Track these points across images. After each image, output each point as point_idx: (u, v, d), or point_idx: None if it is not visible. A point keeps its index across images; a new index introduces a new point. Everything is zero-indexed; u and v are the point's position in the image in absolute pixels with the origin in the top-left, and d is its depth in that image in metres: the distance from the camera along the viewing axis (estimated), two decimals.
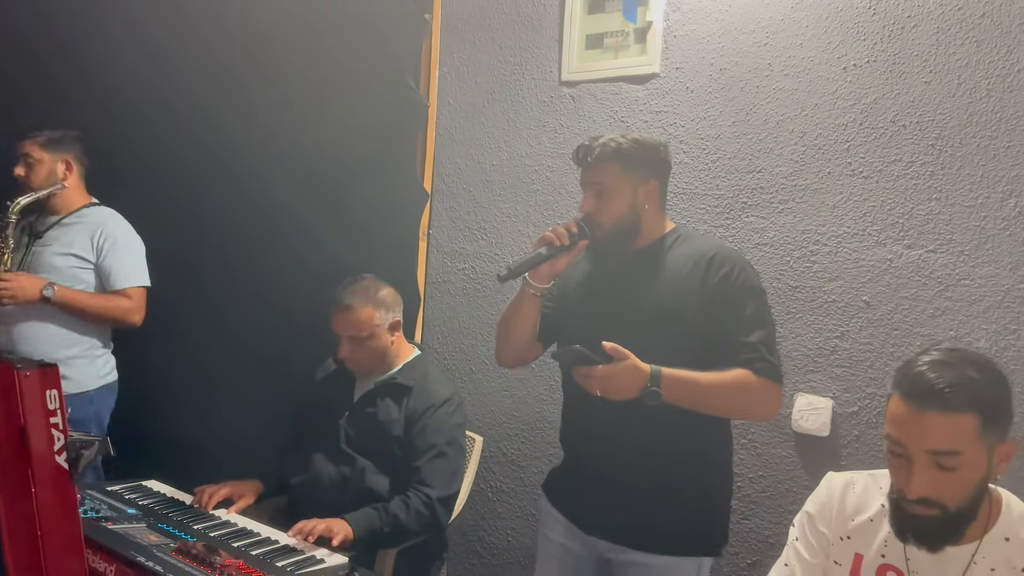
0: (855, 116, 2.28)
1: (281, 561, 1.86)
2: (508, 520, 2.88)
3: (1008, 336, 2.10)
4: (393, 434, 2.32)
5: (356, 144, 2.92)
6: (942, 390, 1.28)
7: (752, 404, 1.81)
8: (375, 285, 2.40)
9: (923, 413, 1.29)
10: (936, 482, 1.30)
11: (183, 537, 1.93)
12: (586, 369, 1.74)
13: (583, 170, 1.93)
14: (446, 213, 3.03)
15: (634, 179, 1.88)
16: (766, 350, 1.77)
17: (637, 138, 1.90)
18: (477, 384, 2.94)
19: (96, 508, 2.07)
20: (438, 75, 3.01)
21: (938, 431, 1.28)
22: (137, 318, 2.82)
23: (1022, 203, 2.08)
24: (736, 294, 1.80)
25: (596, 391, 1.73)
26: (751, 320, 1.79)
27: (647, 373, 1.71)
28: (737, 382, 1.75)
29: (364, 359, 2.38)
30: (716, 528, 1.92)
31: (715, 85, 2.48)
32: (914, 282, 2.20)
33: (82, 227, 2.82)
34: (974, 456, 1.29)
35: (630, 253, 1.92)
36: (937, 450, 1.28)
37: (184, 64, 3.13)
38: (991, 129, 2.12)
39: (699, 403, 1.78)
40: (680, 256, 1.87)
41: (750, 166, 2.43)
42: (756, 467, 2.40)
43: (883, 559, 1.44)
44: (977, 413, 1.28)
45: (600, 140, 1.88)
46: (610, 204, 1.88)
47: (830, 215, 2.32)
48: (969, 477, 1.30)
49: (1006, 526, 1.36)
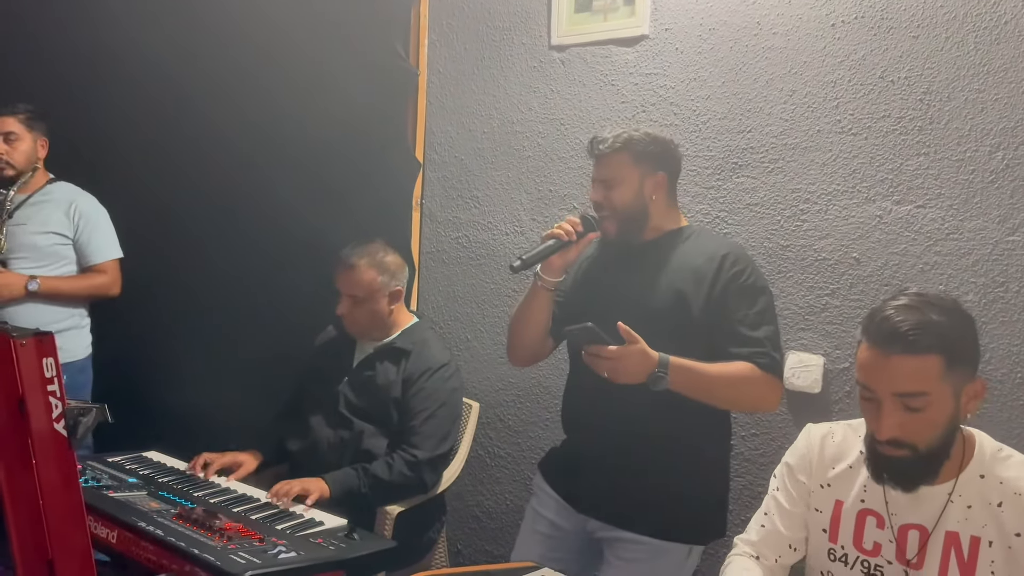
0: (844, 73, 2.28)
1: (280, 524, 1.89)
2: (505, 484, 2.91)
3: (997, 289, 2.11)
4: (391, 396, 2.35)
5: (346, 114, 2.92)
6: (905, 333, 1.31)
7: (754, 397, 1.87)
8: (383, 250, 2.44)
9: (888, 357, 1.32)
10: (905, 423, 1.33)
11: (183, 504, 1.96)
12: (596, 349, 1.77)
13: (595, 162, 1.97)
14: (438, 182, 3.03)
15: (641, 170, 1.92)
16: (771, 346, 1.84)
17: (649, 131, 1.95)
18: (473, 352, 2.96)
19: (97, 477, 2.10)
20: (427, 43, 3.00)
21: (903, 373, 1.32)
22: (116, 290, 2.92)
23: (1010, 156, 2.09)
24: (747, 291, 1.86)
25: (604, 372, 1.77)
26: (759, 317, 1.85)
27: (655, 359, 1.76)
28: (741, 375, 1.81)
29: (360, 319, 2.40)
30: (710, 519, 1.97)
31: (704, 45, 2.47)
32: (903, 238, 2.21)
33: (53, 204, 2.87)
34: (940, 396, 1.32)
35: (639, 244, 1.96)
36: (903, 392, 1.32)
37: (164, 32, 3.11)
38: (979, 82, 2.11)
39: (703, 392, 1.83)
40: (693, 250, 1.93)
41: (740, 126, 2.43)
42: (749, 425, 2.43)
43: (862, 504, 1.48)
44: (940, 354, 1.31)
45: (615, 132, 1.93)
46: (616, 192, 1.92)
47: (820, 173, 2.32)
48: (937, 417, 1.34)
49: (980, 464, 1.40)
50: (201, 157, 3.17)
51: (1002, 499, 1.37)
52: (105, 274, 2.88)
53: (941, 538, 1.40)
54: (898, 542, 1.43)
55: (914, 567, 1.42)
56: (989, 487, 1.38)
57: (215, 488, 2.15)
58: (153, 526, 1.76)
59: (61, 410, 1.38)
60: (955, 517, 1.39)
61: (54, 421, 1.38)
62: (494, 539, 2.94)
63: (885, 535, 1.45)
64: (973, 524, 1.38)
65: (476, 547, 2.98)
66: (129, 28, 3.14)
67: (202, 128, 3.16)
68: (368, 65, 2.89)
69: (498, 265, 2.90)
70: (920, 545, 1.42)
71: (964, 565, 1.38)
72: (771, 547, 1.59)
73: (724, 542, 2.44)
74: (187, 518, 1.82)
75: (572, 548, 2.03)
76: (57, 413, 1.38)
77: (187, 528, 1.77)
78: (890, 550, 1.44)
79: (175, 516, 1.84)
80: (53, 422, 1.38)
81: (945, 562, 1.39)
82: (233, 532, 1.78)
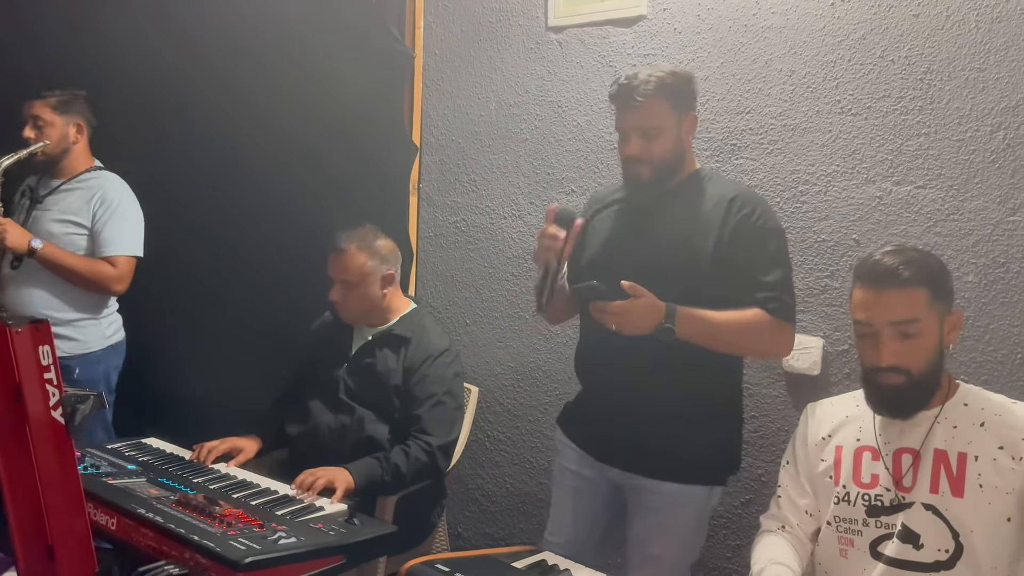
0: (843, 52, 2.26)
1: (281, 510, 1.89)
2: (505, 468, 2.91)
3: (997, 269, 2.10)
4: (392, 383, 2.34)
5: (342, 97, 2.90)
6: (896, 268, 1.53)
7: (764, 343, 1.88)
8: (374, 234, 2.42)
9: (882, 291, 1.53)
10: (901, 351, 1.53)
11: (183, 490, 1.96)
12: (603, 304, 1.76)
13: (626, 111, 1.88)
14: (436, 166, 3.01)
15: (678, 114, 1.88)
16: (782, 290, 1.82)
17: (673, 70, 1.89)
18: (472, 336, 2.95)
19: (96, 465, 2.10)
20: (423, 25, 2.97)
21: (897, 304, 1.52)
22: (120, 287, 2.79)
23: (1011, 136, 2.07)
24: (756, 234, 1.84)
25: (612, 325, 1.77)
26: (769, 260, 1.83)
27: (663, 309, 1.76)
28: (751, 321, 1.80)
29: (353, 305, 2.39)
30: (726, 459, 1.99)
31: (702, 25, 2.45)
32: (903, 218, 2.20)
33: (82, 192, 2.79)
34: (929, 323, 1.54)
35: (657, 194, 1.92)
36: (899, 320, 1.52)
37: (161, 19, 3.09)
38: (979, 61, 2.10)
39: (712, 340, 1.82)
40: (704, 196, 1.89)
41: (739, 107, 2.41)
42: (748, 408, 2.42)
43: (858, 442, 1.64)
44: (926, 287, 1.53)
45: (640, 76, 1.84)
46: (659, 142, 1.86)
47: (819, 154, 2.30)
48: (927, 343, 1.54)
49: (964, 394, 1.61)
50: (194, 141, 3.15)
51: (984, 420, 1.55)
52: (113, 267, 2.74)
53: (930, 456, 1.55)
54: (893, 467, 1.58)
55: (907, 489, 1.56)
56: (973, 411, 1.57)
57: (215, 474, 2.15)
58: (153, 513, 1.75)
59: (58, 398, 1.38)
60: (942, 436, 1.56)
61: (51, 409, 1.38)
62: (495, 522, 2.95)
63: (880, 465, 1.60)
64: (959, 441, 1.54)
65: (477, 530, 2.99)
66: (126, 15, 3.12)
67: (196, 113, 3.14)
68: (363, 48, 2.87)
69: (496, 249, 2.89)
70: (913, 467, 1.56)
71: (953, 479, 1.52)
72: (791, 513, 1.73)
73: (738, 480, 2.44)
74: (187, 504, 1.82)
75: (599, 496, 2.04)
76: (54, 401, 1.38)
77: (187, 514, 1.77)
78: (886, 478, 1.57)
79: (175, 503, 1.84)
80: (50, 409, 1.38)
81: (936, 477, 1.53)
82: (233, 518, 1.77)
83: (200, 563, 1.62)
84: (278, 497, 1.98)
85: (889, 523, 1.56)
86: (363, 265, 2.35)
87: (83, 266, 2.73)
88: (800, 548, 1.69)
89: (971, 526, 1.49)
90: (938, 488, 1.52)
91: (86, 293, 2.78)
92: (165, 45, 3.12)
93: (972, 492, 1.50)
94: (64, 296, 2.75)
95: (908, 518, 1.54)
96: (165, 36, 3.13)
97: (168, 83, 3.16)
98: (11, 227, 2.65)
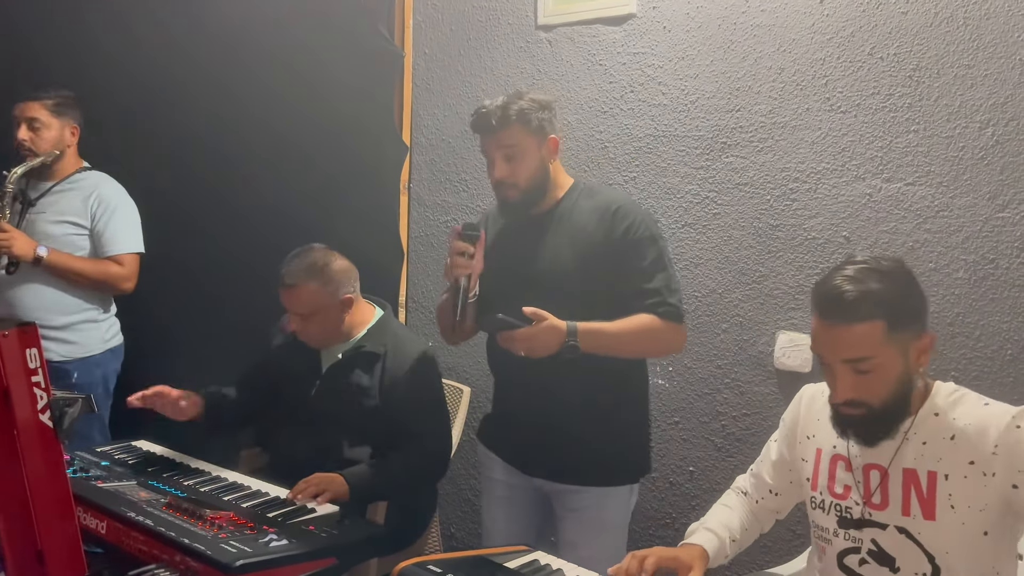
0: (832, 50, 2.26)
1: (272, 512, 1.88)
2: None
3: (987, 266, 2.11)
4: (369, 404, 2.23)
5: (332, 97, 2.89)
6: (846, 304, 1.39)
7: (658, 345, 2.00)
8: (324, 258, 2.22)
9: (832, 327, 1.42)
10: (857, 385, 1.43)
11: (173, 493, 1.94)
12: (509, 333, 1.85)
13: (486, 135, 1.97)
14: (426, 166, 3.01)
15: (538, 138, 1.96)
16: (667, 293, 1.92)
17: (535, 97, 1.97)
18: None
19: (86, 468, 2.08)
20: (412, 24, 2.97)
21: (846, 341, 1.41)
22: (129, 285, 2.79)
23: (1000, 132, 2.08)
24: (637, 245, 1.93)
25: (521, 351, 1.86)
26: (651, 267, 1.92)
27: (564, 330, 1.84)
28: (643, 327, 1.90)
29: (314, 333, 2.26)
30: (638, 458, 2.09)
31: (692, 23, 2.45)
32: (893, 216, 2.21)
33: (76, 193, 2.77)
34: (887, 357, 1.41)
35: (536, 215, 2.01)
36: (849, 358, 1.41)
37: (153, 21, 3.08)
38: (968, 58, 2.10)
39: (613, 349, 1.92)
40: (584, 212, 1.98)
41: (729, 105, 2.41)
42: (740, 405, 2.43)
43: (834, 449, 1.58)
44: (881, 319, 1.39)
45: (498, 103, 1.94)
46: (522, 165, 1.95)
47: (809, 152, 2.31)
48: (886, 376, 1.42)
49: (933, 404, 1.49)
50: (184, 143, 3.14)
51: (954, 432, 1.44)
52: (121, 266, 2.73)
53: (899, 475, 1.48)
54: (863, 482, 1.52)
55: (878, 508, 1.50)
56: (942, 423, 1.46)
57: (206, 477, 2.13)
58: (143, 516, 1.74)
59: (46, 401, 1.37)
60: (911, 454, 1.47)
61: (39, 412, 1.36)
62: None
63: (851, 477, 1.54)
64: (929, 459, 1.46)
65: (469, 530, 2.98)
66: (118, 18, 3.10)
67: (185, 114, 3.12)
68: (353, 48, 2.86)
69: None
70: (881, 484, 1.50)
71: (924, 501, 1.45)
72: (755, 488, 1.75)
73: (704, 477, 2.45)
74: (177, 507, 1.81)
75: (528, 503, 2.12)
76: (42, 404, 1.36)
77: (177, 517, 1.76)
78: (856, 492, 1.53)
79: (165, 505, 1.82)
80: (38, 413, 1.36)
81: (907, 498, 1.47)
82: (224, 521, 1.76)
83: (191, 566, 1.61)
84: (269, 499, 1.97)
85: (856, 537, 1.52)
86: (315, 296, 2.18)
87: (91, 268, 2.73)
88: (749, 519, 1.72)
89: (946, 547, 1.44)
90: (909, 510, 1.46)
91: (85, 296, 2.76)
92: (155, 47, 3.11)
93: (944, 513, 1.43)
94: (63, 300, 2.73)
95: (881, 539, 1.49)
96: (155, 38, 3.11)
97: (158, 85, 3.15)
98: (17, 236, 2.63)
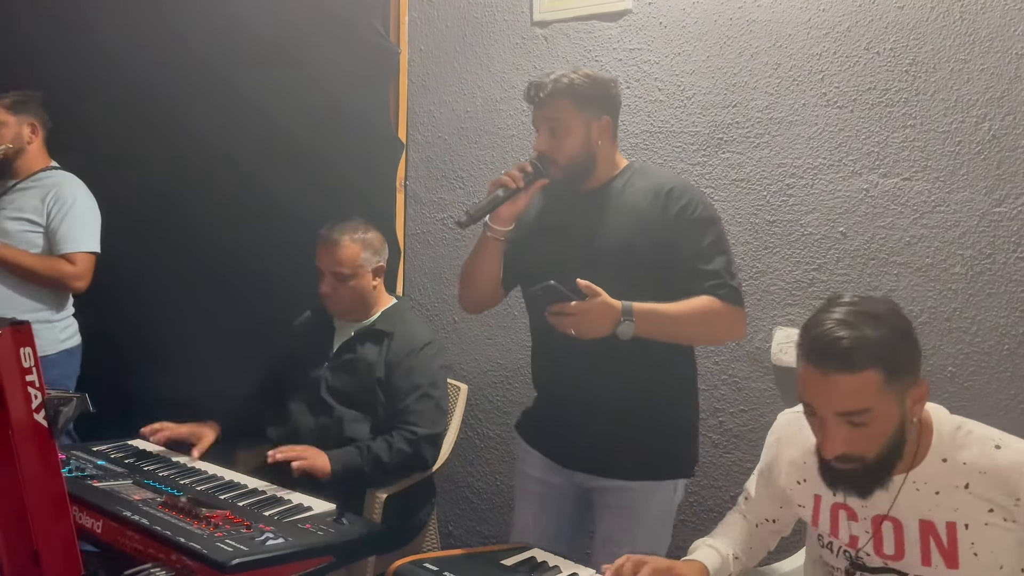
0: (829, 45, 2.26)
1: (268, 511, 1.87)
2: (495, 465, 2.90)
3: (984, 260, 2.11)
4: (375, 376, 2.32)
5: (327, 94, 2.88)
6: (843, 348, 1.27)
7: (719, 329, 1.86)
8: (364, 226, 2.41)
9: (827, 376, 1.29)
10: (850, 439, 1.31)
11: (169, 492, 1.94)
12: (559, 307, 1.72)
13: (536, 107, 1.91)
14: (422, 163, 3.00)
15: (587, 115, 1.86)
16: (728, 275, 1.81)
17: (589, 73, 1.88)
18: (460, 333, 2.94)
19: (82, 467, 2.07)
20: (408, 21, 2.96)
21: (843, 393, 1.28)
22: (81, 284, 2.77)
23: (996, 126, 2.08)
24: (695, 225, 1.82)
25: (570, 330, 1.73)
26: (711, 249, 1.82)
27: (619, 309, 1.72)
28: (704, 309, 1.79)
29: (345, 298, 2.37)
30: (687, 452, 1.99)
31: (688, 19, 2.44)
32: (890, 211, 2.21)
33: (37, 191, 2.78)
34: (883, 408, 1.29)
35: (587, 192, 1.92)
36: (845, 411, 1.29)
37: (144, 16, 3.06)
38: (964, 52, 2.10)
39: (670, 333, 1.81)
40: (637, 191, 1.88)
41: (725, 101, 2.41)
42: (737, 401, 2.43)
43: (835, 498, 1.47)
44: (879, 369, 1.27)
45: (552, 76, 1.86)
46: (565, 141, 1.87)
47: (806, 147, 2.30)
48: (882, 428, 1.31)
49: (940, 448, 1.37)
50: (182, 140, 3.12)
51: (968, 480, 1.35)
52: (73, 265, 2.72)
53: (915, 526, 1.38)
54: (873, 533, 1.43)
55: (894, 559, 1.42)
56: (953, 470, 1.36)
57: (202, 475, 2.13)
58: (139, 515, 1.73)
59: (41, 400, 1.36)
60: (925, 505, 1.38)
61: (34, 412, 1.36)
62: (485, 519, 2.94)
63: (860, 527, 1.45)
64: (945, 510, 1.36)
65: (467, 528, 2.98)
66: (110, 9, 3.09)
67: (182, 112, 3.10)
68: (348, 44, 2.85)
69: None
70: (896, 536, 1.41)
71: (945, 551, 1.37)
72: (754, 513, 1.67)
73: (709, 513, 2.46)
74: (173, 506, 1.80)
75: (565, 501, 2.03)
76: (37, 403, 1.36)
77: (173, 516, 1.75)
78: (867, 542, 1.44)
79: (161, 504, 1.82)
80: (33, 412, 1.36)
81: (926, 549, 1.38)
82: (220, 519, 1.76)
83: (187, 565, 1.60)
84: (266, 497, 1.97)
85: None
86: (356, 256, 2.35)
87: (41, 265, 2.71)
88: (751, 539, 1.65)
89: None
90: (930, 561, 1.38)
91: (39, 295, 2.76)
92: (149, 44, 3.08)
93: (967, 561, 1.36)
94: (13, 299, 2.71)
95: None
96: (148, 35, 3.09)
97: (151, 83, 3.13)
98: None
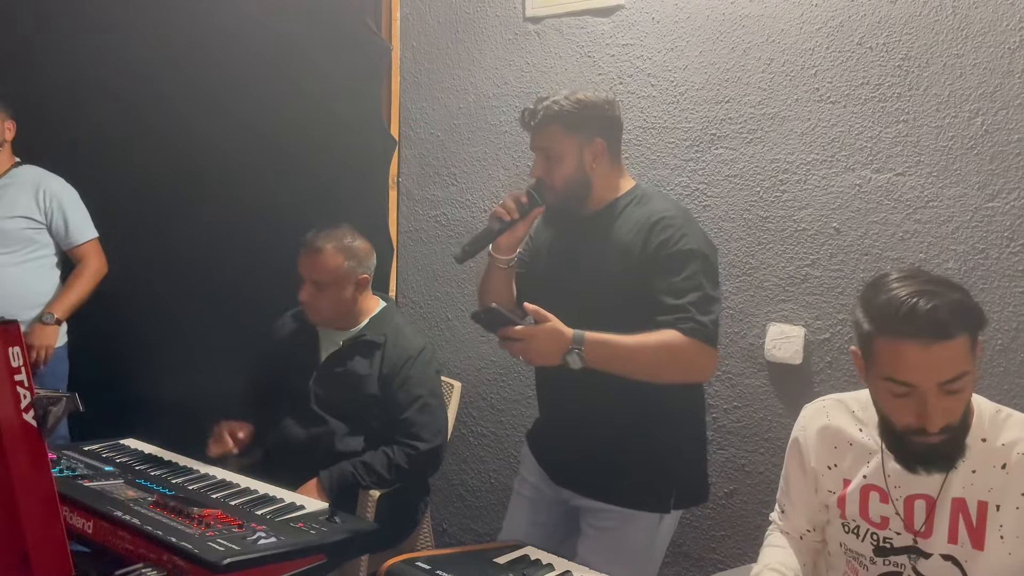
0: (821, 40, 2.25)
1: (261, 510, 1.86)
2: (490, 463, 2.90)
3: (976, 256, 2.11)
4: (367, 392, 2.26)
5: (319, 91, 2.87)
6: (941, 322, 1.25)
7: (680, 365, 1.74)
8: (351, 235, 2.35)
9: (929, 348, 1.26)
10: (947, 409, 1.31)
11: (161, 491, 1.92)
12: (506, 331, 1.70)
13: (530, 134, 1.91)
14: (415, 160, 2.99)
15: (579, 139, 1.85)
16: (697, 311, 1.71)
17: (580, 97, 1.86)
18: (454, 331, 2.93)
19: (72, 467, 2.06)
20: (399, 17, 2.94)
21: (947, 361, 1.27)
22: (105, 270, 2.89)
23: (989, 121, 2.08)
24: (673, 259, 1.76)
25: (518, 355, 1.70)
26: (685, 283, 1.74)
27: (569, 337, 1.68)
28: (662, 343, 1.70)
29: (323, 307, 2.31)
30: (679, 487, 1.90)
31: (681, 15, 2.44)
32: (883, 206, 2.20)
33: (19, 188, 2.79)
34: (973, 372, 1.31)
35: (586, 216, 1.91)
36: (948, 379, 1.28)
37: (132, 11, 3.04)
38: (957, 47, 2.10)
39: (625, 366, 1.73)
40: (628, 220, 1.85)
41: (718, 96, 2.40)
42: (731, 397, 2.42)
43: (865, 479, 1.47)
44: (968, 331, 1.28)
45: (543, 103, 1.86)
46: (558, 167, 1.86)
47: (799, 143, 2.30)
48: (969, 393, 1.33)
49: (980, 428, 1.38)
50: (171, 139, 3.10)
51: (1006, 461, 1.36)
52: (92, 257, 2.85)
53: (948, 505, 1.39)
54: (905, 513, 1.43)
55: (923, 536, 1.42)
56: (992, 450, 1.37)
57: (193, 475, 2.11)
58: (130, 515, 1.72)
59: (30, 400, 1.35)
60: (960, 483, 1.38)
61: (23, 411, 1.35)
62: (479, 517, 2.93)
63: (890, 508, 1.45)
64: (979, 489, 1.37)
65: (461, 526, 2.97)
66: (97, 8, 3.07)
67: (171, 110, 3.09)
68: (340, 41, 2.84)
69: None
70: (927, 514, 1.42)
71: (973, 530, 1.38)
72: (793, 526, 1.62)
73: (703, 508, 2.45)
74: (164, 506, 1.79)
75: (553, 514, 2.03)
76: (26, 403, 1.35)
77: (165, 516, 1.73)
78: (897, 522, 1.45)
79: (152, 504, 1.80)
80: (22, 412, 1.35)
81: (954, 528, 1.38)
82: (212, 519, 1.74)
83: (178, 565, 1.59)
84: (258, 497, 1.95)
85: (898, 563, 1.45)
86: (339, 266, 2.28)
87: (85, 285, 2.84)
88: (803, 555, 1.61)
89: None
90: (957, 539, 1.39)
91: (23, 294, 2.75)
92: (142, 42, 3.07)
93: (993, 544, 1.37)
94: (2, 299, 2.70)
95: (924, 567, 1.43)
96: (141, 33, 3.07)
97: (144, 78, 3.11)
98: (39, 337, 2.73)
